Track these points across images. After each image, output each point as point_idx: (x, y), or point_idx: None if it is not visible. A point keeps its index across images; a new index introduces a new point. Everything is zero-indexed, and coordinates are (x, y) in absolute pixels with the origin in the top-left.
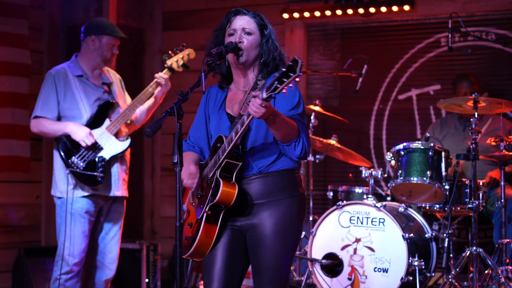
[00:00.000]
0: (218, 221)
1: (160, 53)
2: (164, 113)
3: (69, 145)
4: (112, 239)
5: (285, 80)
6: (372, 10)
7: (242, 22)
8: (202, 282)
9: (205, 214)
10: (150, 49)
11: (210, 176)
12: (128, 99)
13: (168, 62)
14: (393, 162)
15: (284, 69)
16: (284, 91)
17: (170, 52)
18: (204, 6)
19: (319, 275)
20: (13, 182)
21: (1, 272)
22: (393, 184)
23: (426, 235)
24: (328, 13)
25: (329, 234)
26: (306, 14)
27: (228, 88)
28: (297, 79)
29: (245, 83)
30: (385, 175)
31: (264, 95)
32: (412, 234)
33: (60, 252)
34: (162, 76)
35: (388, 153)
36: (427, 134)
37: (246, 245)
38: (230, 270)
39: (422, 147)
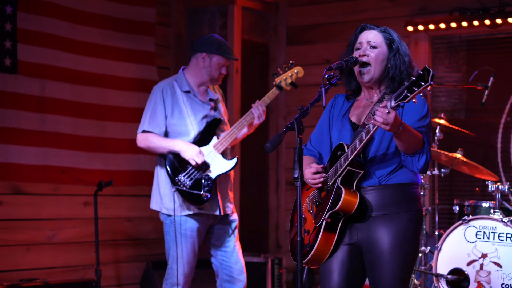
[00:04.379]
0: (337, 229)
1: None
2: (284, 128)
3: (176, 163)
4: (233, 252)
5: (415, 89)
6: (498, 21)
7: (368, 36)
8: None
9: (324, 222)
10: (275, 63)
11: (330, 184)
12: None
13: (277, 80)
14: None
15: (414, 78)
16: (414, 100)
17: (278, 69)
18: (328, 20)
19: None
20: (141, 196)
21: (130, 284)
22: None
23: None
24: (453, 25)
25: (455, 249)
26: (431, 27)
27: (355, 99)
28: (427, 89)
29: (371, 95)
30: None
31: (393, 103)
32: None
33: (170, 271)
34: (258, 107)
35: None
36: None
37: (362, 259)
38: (348, 285)
39: None
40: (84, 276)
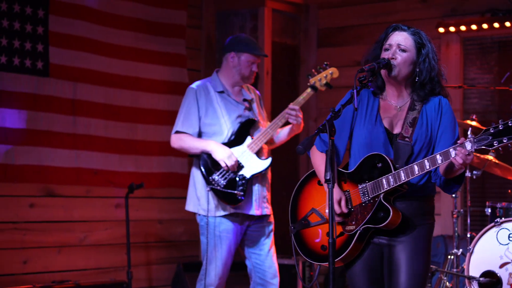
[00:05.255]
0: (365, 239)
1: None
2: (316, 130)
3: (210, 164)
4: (267, 255)
5: (504, 140)
6: None
7: (399, 38)
8: None
9: (357, 233)
10: (305, 66)
11: (371, 196)
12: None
13: (311, 81)
14: None
15: (500, 127)
16: (499, 148)
17: (313, 70)
18: (358, 22)
19: None
20: (172, 198)
21: (161, 286)
22: None
23: None
24: (485, 26)
25: (487, 251)
26: (462, 28)
27: (380, 96)
28: None
29: (398, 98)
30: None
31: (475, 146)
32: None
33: (205, 271)
34: (292, 109)
35: None
36: None
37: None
38: (375, 284)
39: None
40: (116, 278)
